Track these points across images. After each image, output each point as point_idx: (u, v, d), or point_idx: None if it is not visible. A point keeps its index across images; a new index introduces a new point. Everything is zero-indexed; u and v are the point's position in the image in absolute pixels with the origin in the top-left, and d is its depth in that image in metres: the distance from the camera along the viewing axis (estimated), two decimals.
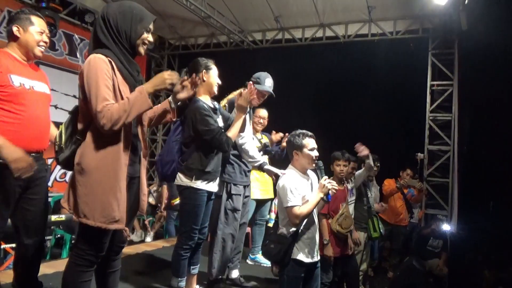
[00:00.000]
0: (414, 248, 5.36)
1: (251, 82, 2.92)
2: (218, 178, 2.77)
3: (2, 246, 4.05)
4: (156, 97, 7.54)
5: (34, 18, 2.22)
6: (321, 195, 2.37)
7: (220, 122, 2.72)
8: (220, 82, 2.74)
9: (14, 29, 2.18)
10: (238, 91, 3.12)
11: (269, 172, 3.07)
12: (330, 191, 2.40)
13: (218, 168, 2.75)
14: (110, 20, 1.78)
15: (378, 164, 4.45)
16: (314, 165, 2.49)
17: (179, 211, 2.83)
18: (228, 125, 2.73)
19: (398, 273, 4.44)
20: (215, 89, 2.74)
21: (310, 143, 2.49)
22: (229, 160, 2.95)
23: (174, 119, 2.14)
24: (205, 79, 2.67)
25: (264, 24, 7.01)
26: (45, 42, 2.28)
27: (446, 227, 5.33)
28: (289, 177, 2.46)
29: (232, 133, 2.62)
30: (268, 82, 3.10)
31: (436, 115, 6.13)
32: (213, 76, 2.70)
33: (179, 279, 2.71)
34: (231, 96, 3.10)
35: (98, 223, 1.70)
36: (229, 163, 2.96)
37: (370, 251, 4.30)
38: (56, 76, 6.01)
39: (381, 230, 4.23)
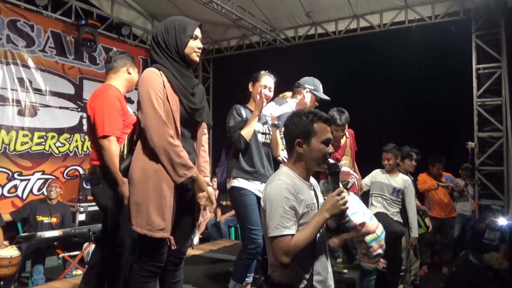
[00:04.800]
0: (469, 242, 5.09)
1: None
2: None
3: (61, 255, 4.27)
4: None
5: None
6: (327, 215, 1.54)
7: (259, 127, 2.70)
8: (261, 92, 2.64)
9: (125, 68, 2.58)
10: (282, 94, 3.11)
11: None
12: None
13: (262, 168, 2.66)
14: (159, 39, 1.89)
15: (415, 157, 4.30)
16: (325, 166, 1.67)
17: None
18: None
19: (454, 269, 4.22)
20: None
21: (323, 130, 1.65)
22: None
23: None
24: (251, 90, 2.74)
25: (295, 21, 6.93)
26: None
27: (502, 221, 5.01)
28: (282, 184, 1.59)
29: (245, 131, 2.57)
30: (321, 88, 3.10)
31: (484, 100, 5.79)
32: (256, 87, 2.70)
33: (235, 283, 2.60)
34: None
35: (144, 231, 1.75)
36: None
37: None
38: None
39: (426, 225, 4.04)
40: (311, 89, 3.02)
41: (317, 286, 1.66)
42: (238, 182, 2.58)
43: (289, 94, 3.16)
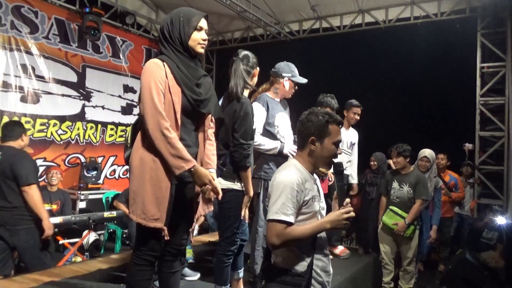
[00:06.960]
0: (467, 241, 5.11)
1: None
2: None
3: (61, 242, 4.31)
4: None
5: None
6: (328, 226, 1.64)
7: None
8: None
9: None
10: (260, 88, 3.09)
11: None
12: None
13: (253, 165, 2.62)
14: (164, 30, 1.92)
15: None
16: (328, 167, 1.84)
17: (219, 215, 2.57)
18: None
19: (450, 267, 4.25)
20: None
21: (337, 132, 1.74)
22: (264, 156, 2.90)
23: None
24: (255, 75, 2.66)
25: (300, 14, 6.90)
26: None
27: (501, 220, 5.02)
28: (291, 175, 1.68)
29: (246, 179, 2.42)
30: (297, 71, 3.09)
31: (487, 99, 5.77)
32: (256, 75, 2.68)
33: (223, 287, 2.53)
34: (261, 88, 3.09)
35: (139, 219, 1.79)
36: (265, 159, 2.91)
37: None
38: (102, 78, 6.28)
39: (384, 221, 3.88)
40: (289, 77, 3.02)
41: (319, 271, 1.73)
42: (238, 186, 2.46)
43: (266, 86, 3.12)
